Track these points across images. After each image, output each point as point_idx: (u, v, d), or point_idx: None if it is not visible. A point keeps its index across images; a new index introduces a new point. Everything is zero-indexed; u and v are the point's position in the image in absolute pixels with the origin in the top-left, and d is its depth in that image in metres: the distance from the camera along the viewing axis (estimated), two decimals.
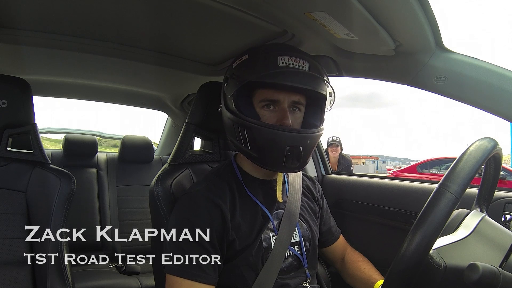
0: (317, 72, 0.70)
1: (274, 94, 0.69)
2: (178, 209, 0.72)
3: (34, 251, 0.83)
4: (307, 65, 0.68)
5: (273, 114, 0.70)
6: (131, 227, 1.96)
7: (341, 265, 0.92)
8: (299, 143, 0.67)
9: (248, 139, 0.69)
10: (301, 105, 0.72)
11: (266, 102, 0.70)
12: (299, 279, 0.75)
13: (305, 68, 0.68)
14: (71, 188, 0.87)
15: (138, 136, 1.97)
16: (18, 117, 0.87)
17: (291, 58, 0.67)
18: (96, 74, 1.42)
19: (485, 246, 0.56)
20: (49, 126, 2.43)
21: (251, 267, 0.70)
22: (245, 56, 0.71)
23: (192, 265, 0.65)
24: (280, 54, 0.68)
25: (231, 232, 0.69)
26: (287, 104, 0.70)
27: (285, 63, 0.67)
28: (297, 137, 0.68)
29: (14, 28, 0.93)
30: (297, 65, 0.67)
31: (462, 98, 0.79)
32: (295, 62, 0.67)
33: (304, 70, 0.68)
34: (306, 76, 0.68)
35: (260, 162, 0.71)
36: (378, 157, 42.33)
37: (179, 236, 0.68)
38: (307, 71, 0.68)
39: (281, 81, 0.67)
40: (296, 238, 0.76)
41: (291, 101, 0.70)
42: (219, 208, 0.69)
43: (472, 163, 0.52)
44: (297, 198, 0.79)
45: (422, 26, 0.69)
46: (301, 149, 0.67)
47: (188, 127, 0.88)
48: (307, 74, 0.68)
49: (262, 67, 0.67)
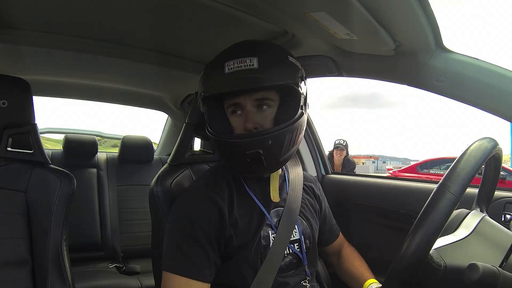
0: (270, 64, 0.66)
1: (234, 99, 0.69)
2: (177, 206, 0.72)
3: (34, 251, 0.83)
4: (256, 61, 0.65)
5: (241, 118, 0.69)
6: (131, 227, 1.97)
7: (337, 259, 0.93)
8: (257, 147, 0.65)
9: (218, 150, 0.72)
10: (269, 100, 0.69)
11: (232, 107, 0.70)
12: (299, 278, 0.75)
13: (252, 65, 0.65)
14: (71, 188, 0.87)
15: (138, 136, 1.97)
16: (18, 117, 0.86)
17: (237, 61, 0.66)
18: (96, 74, 1.42)
19: (485, 246, 0.57)
20: (49, 126, 2.43)
21: (250, 265, 0.69)
22: (202, 72, 0.73)
23: (188, 262, 0.65)
24: (227, 59, 0.67)
25: (228, 229, 0.69)
26: (250, 105, 0.69)
27: (231, 68, 0.66)
28: (252, 141, 0.66)
29: (14, 28, 0.93)
30: (243, 66, 0.65)
31: (462, 98, 0.79)
32: (240, 64, 0.66)
33: (251, 68, 0.65)
34: (254, 73, 0.65)
35: (231, 170, 0.74)
36: (378, 157, 42.33)
37: (176, 234, 0.68)
38: (254, 67, 0.65)
39: (227, 88, 0.67)
40: (296, 235, 0.75)
41: (254, 100, 0.68)
42: (217, 205, 0.69)
43: (472, 163, 0.52)
44: (297, 195, 0.79)
45: (422, 26, 0.69)
46: (262, 152, 0.65)
47: (188, 127, 0.88)
48: (254, 71, 0.65)
49: (212, 80, 0.69)
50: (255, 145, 0.66)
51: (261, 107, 0.69)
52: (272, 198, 0.75)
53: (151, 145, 1.99)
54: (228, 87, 0.67)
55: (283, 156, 0.70)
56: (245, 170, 0.71)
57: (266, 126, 0.69)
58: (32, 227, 0.84)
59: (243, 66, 0.65)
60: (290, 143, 0.69)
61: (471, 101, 0.78)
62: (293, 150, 0.72)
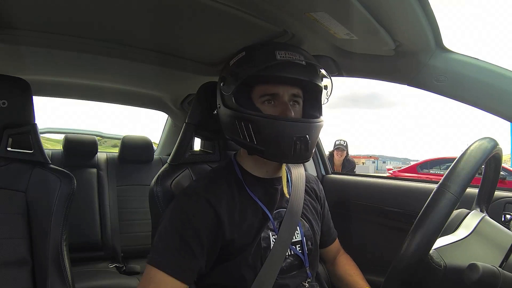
0: (313, 64, 0.72)
1: (273, 88, 0.70)
2: (173, 205, 0.72)
3: (34, 251, 0.83)
4: (303, 58, 0.70)
5: (274, 108, 0.70)
6: (131, 227, 1.97)
7: (332, 266, 0.93)
8: (305, 132, 0.68)
9: (253, 134, 0.68)
10: (300, 98, 0.73)
11: (266, 97, 0.70)
12: (299, 279, 0.74)
13: (301, 62, 0.70)
14: (71, 188, 0.87)
15: (138, 136, 1.97)
16: (18, 117, 0.86)
17: (288, 52, 0.69)
18: (96, 74, 1.42)
19: (485, 246, 0.57)
20: (49, 126, 2.43)
21: (250, 267, 0.69)
22: (242, 54, 0.72)
23: (171, 259, 0.65)
24: (277, 48, 0.69)
25: (229, 232, 0.68)
26: (287, 97, 0.71)
27: (282, 57, 0.68)
28: (302, 126, 0.69)
29: (14, 28, 0.93)
30: (294, 58, 0.69)
31: (462, 98, 0.79)
32: (291, 56, 0.69)
33: (301, 63, 0.70)
34: (303, 68, 0.70)
35: (268, 155, 0.70)
36: (378, 157, 42.33)
37: (167, 230, 0.68)
38: (303, 64, 0.70)
39: (281, 73, 0.68)
40: (297, 237, 0.75)
41: (291, 94, 0.71)
42: (214, 208, 0.68)
43: (472, 163, 0.52)
44: (300, 197, 0.79)
45: (422, 26, 0.69)
46: (308, 138, 0.68)
47: (188, 127, 0.88)
48: (304, 66, 0.70)
49: (261, 61, 0.68)
50: (305, 129, 0.68)
51: (294, 102, 0.72)
52: (285, 194, 0.76)
53: (151, 145, 1.98)
54: (282, 72, 0.68)
55: (313, 150, 0.73)
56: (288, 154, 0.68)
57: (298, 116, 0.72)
58: (32, 227, 0.84)
59: (294, 58, 0.69)
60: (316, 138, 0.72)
61: (471, 101, 0.78)
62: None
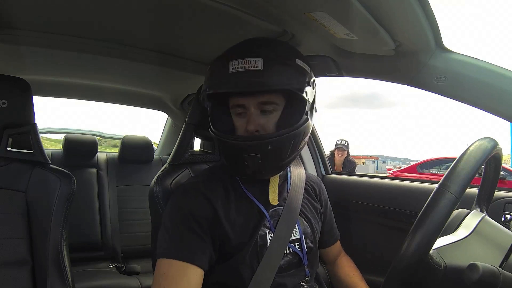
0: (275, 66, 0.64)
1: (239, 99, 0.68)
2: (172, 199, 0.72)
3: (34, 251, 0.83)
4: (261, 62, 0.63)
5: (244, 120, 0.69)
6: (131, 227, 1.97)
7: (332, 267, 0.93)
8: (255, 151, 0.65)
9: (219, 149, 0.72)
10: (274, 104, 0.68)
11: (237, 108, 0.69)
12: (298, 278, 0.74)
13: (257, 67, 0.63)
14: (71, 188, 0.87)
15: (138, 136, 1.97)
16: (18, 117, 0.86)
17: (242, 61, 0.64)
18: (96, 74, 1.42)
19: (485, 246, 0.57)
20: (49, 126, 2.43)
21: (247, 265, 0.69)
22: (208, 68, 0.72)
23: (183, 246, 0.65)
24: (232, 58, 0.65)
25: (225, 228, 0.68)
26: (253, 107, 0.67)
27: (234, 68, 0.64)
28: (251, 145, 0.65)
29: (14, 28, 0.93)
30: (247, 67, 0.63)
31: (462, 98, 0.79)
32: (245, 64, 0.63)
33: (254, 70, 0.63)
34: (257, 76, 0.63)
35: (231, 170, 0.74)
36: (378, 157, 42.30)
37: (171, 222, 0.68)
38: (259, 70, 0.63)
39: (230, 88, 0.66)
40: (296, 235, 0.75)
41: (258, 103, 0.67)
42: (210, 202, 0.69)
43: (472, 163, 0.52)
44: (298, 195, 0.78)
45: (422, 26, 0.69)
46: (260, 156, 0.65)
47: (188, 127, 0.88)
48: (258, 73, 0.63)
49: (216, 78, 0.68)
50: (254, 149, 0.65)
51: (265, 110, 0.68)
52: (271, 201, 0.74)
53: (151, 145, 1.99)
54: (230, 87, 0.66)
55: (284, 161, 0.69)
56: (242, 172, 0.70)
57: (268, 129, 0.68)
58: (32, 227, 0.84)
59: (247, 67, 0.63)
60: (292, 148, 0.68)
61: (471, 101, 0.78)
62: (295, 155, 0.72)
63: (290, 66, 0.66)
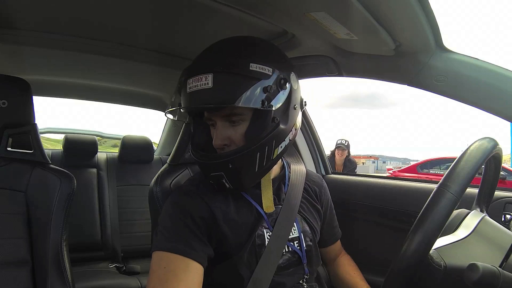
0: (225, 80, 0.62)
1: (207, 113, 0.68)
2: (170, 201, 0.72)
3: (34, 251, 0.83)
4: (210, 79, 0.61)
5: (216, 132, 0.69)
6: (131, 227, 1.97)
7: (332, 266, 0.94)
8: (218, 170, 0.65)
9: None
10: (240, 115, 0.65)
11: (208, 121, 0.70)
12: (297, 277, 0.74)
13: (207, 85, 0.62)
14: (71, 188, 0.87)
15: (138, 136, 1.97)
16: (18, 117, 0.87)
17: (195, 79, 0.63)
18: (96, 74, 1.42)
19: (485, 246, 0.57)
20: (49, 126, 2.43)
21: (245, 265, 0.69)
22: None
23: (182, 241, 0.64)
24: (189, 76, 0.64)
25: (223, 228, 0.68)
26: (220, 121, 0.66)
27: (190, 88, 0.64)
28: (213, 164, 0.66)
29: (14, 28, 0.93)
30: (199, 85, 0.62)
31: (462, 98, 0.79)
32: (197, 82, 0.63)
33: (205, 88, 0.62)
34: (208, 94, 0.62)
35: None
36: (378, 157, 42.30)
37: (169, 219, 0.68)
38: (209, 87, 0.61)
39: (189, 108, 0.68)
40: (295, 233, 0.75)
41: (222, 116, 0.66)
42: (208, 206, 0.69)
43: (472, 163, 0.52)
44: (297, 193, 0.78)
45: (422, 26, 0.69)
46: (224, 175, 0.65)
47: (188, 127, 0.88)
48: (208, 91, 0.62)
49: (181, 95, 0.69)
50: (217, 168, 0.65)
51: (232, 122, 0.66)
52: (265, 209, 0.72)
53: (151, 145, 1.99)
54: (189, 107, 0.68)
55: (259, 170, 0.67)
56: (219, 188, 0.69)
57: (237, 141, 0.66)
58: (32, 227, 0.84)
59: (199, 85, 0.63)
60: (264, 157, 0.66)
61: (471, 101, 0.78)
62: (275, 160, 0.69)
63: (242, 76, 0.63)
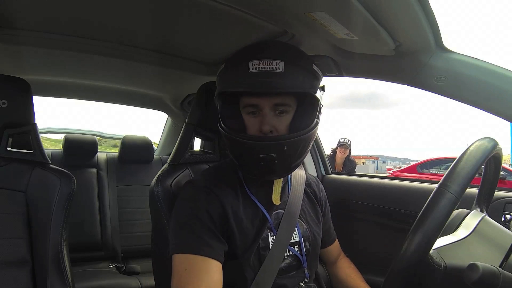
0: (295, 70, 0.66)
1: (253, 99, 0.68)
2: (182, 196, 0.73)
3: (34, 251, 0.83)
4: (282, 65, 0.64)
5: (256, 120, 0.69)
6: (131, 227, 1.97)
7: (333, 268, 0.94)
8: (272, 151, 0.65)
9: (229, 148, 0.72)
10: (288, 106, 0.68)
11: (249, 108, 0.69)
12: (297, 279, 0.75)
13: (278, 69, 0.64)
14: (71, 188, 0.87)
15: (138, 136, 1.97)
16: (18, 117, 0.87)
17: (262, 61, 0.64)
18: (96, 74, 1.42)
19: (485, 246, 0.57)
20: (49, 126, 2.43)
21: (250, 267, 0.70)
22: (222, 66, 0.71)
23: (200, 241, 0.65)
24: (252, 58, 0.65)
25: (232, 226, 0.69)
26: (268, 108, 0.67)
27: (255, 69, 0.64)
28: (268, 145, 0.66)
29: (14, 28, 0.93)
30: (268, 68, 0.64)
31: (462, 98, 0.79)
32: (266, 65, 0.64)
33: (276, 72, 0.64)
34: (278, 77, 0.64)
35: (242, 169, 0.74)
36: (378, 157, 42.26)
37: (184, 218, 0.68)
38: (280, 72, 0.64)
39: (250, 88, 0.66)
40: (296, 238, 0.76)
41: (273, 104, 0.67)
42: (220, 201, 0.69)
43: (472, 163, 0.52)
44: (298, 199, 0.79)
45: (422, 26, 0.69)
46: (276, 157, 0.65)
47: (188, 127, 0.88)
48: (279, 75, 0.64)
49: (234, 76, 0.68)
50: (271, 149, 0.65)
51: (279, 111, 0.68)
52: (274, 201, 0.74)
53: (151, 145, 1.99)
54: (250, 87, 0.66)
55: (295, 163, 0.70)
56: (256, 172, 0.70)
57: (280, 131, 0.68)
58: (32, 227, 0.84)
59: (268, 68, 0.64)
60: (303, 150, 0.70)
61: (471, 101, 0.78)
62: (303, 158, 0.73)
63: (308, 70, 0.68)
